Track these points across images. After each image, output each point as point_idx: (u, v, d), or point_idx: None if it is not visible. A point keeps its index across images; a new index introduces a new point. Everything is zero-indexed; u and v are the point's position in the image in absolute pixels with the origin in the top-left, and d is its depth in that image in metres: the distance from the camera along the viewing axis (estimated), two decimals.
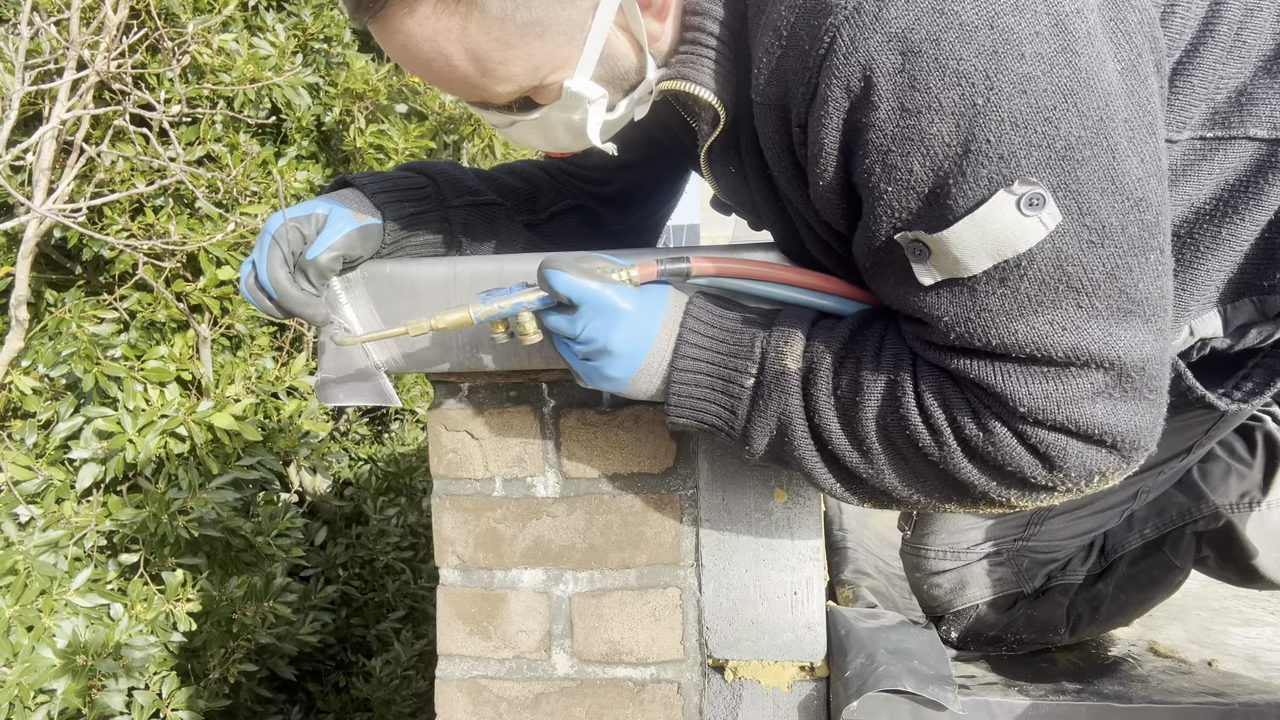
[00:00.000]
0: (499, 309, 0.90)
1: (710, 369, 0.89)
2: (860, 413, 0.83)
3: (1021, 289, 0.73)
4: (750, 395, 0.88)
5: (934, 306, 0.78)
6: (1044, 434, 0.76)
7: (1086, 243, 0.72)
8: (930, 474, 0.83)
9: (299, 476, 3.15)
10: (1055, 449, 0.77)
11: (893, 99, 0.71)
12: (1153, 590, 1.23)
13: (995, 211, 0.71)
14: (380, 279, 1.05)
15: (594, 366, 0.91)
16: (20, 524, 2.26)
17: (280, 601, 2.46)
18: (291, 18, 2.89)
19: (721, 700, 1.10)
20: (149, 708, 2.20)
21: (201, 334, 2.63)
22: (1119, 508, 1.20)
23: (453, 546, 1.14)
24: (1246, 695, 1.06)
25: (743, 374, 0.88)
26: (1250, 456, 1.27)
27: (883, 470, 0.85)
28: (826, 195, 0.82)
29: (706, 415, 0.91)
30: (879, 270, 0.82)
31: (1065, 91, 0.69)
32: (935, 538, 1.21)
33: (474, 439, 1.13)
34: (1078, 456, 0.77)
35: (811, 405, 0.86)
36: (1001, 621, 1.19)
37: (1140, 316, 0.75)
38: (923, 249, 0.75)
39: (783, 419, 0.87)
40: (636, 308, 0.88)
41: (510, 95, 0.85)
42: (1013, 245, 0.72)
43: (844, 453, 0.85)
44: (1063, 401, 0.75)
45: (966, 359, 0.78)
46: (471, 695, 1.15)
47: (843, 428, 0.85)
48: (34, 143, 2.28)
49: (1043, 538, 1.19)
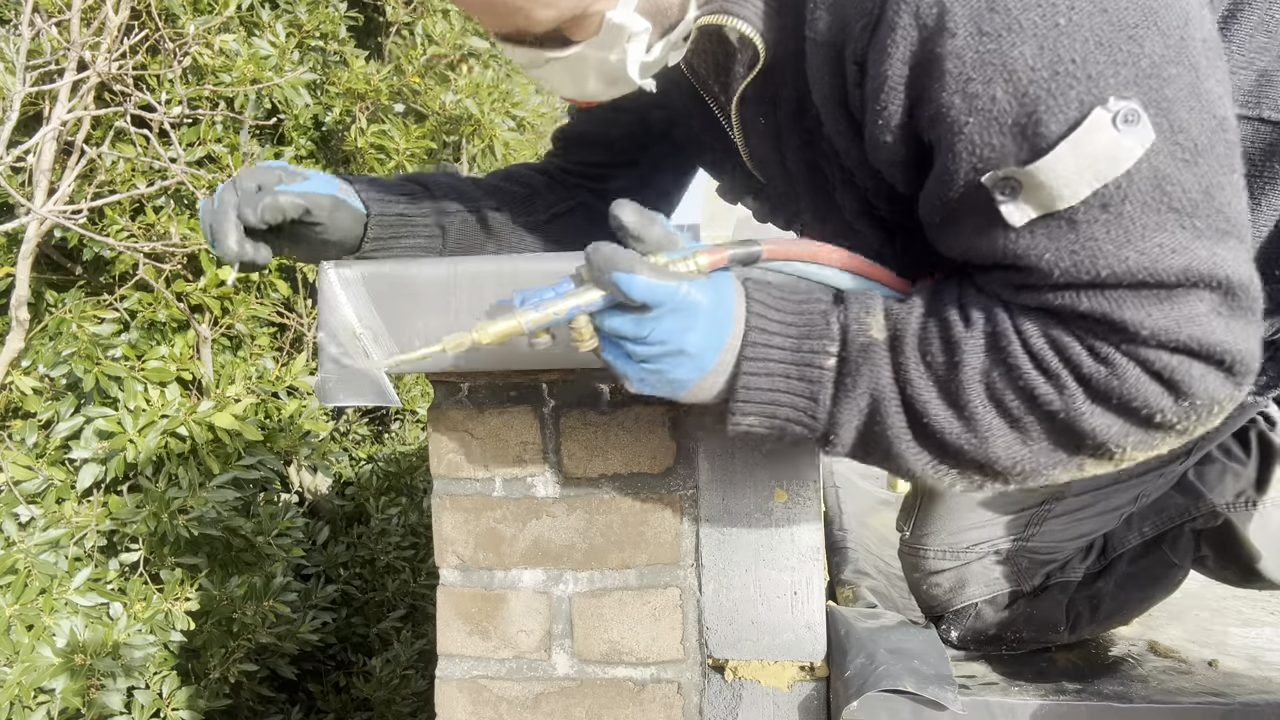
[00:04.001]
0: (554, 314, 0.80)
1: (784, 354, 0.80)
2: (960, 375, 0.76)
3: (1125, 213, 0.70)
4: (834, 377, 0.80)
5: (1030, 248, 0.73)
6: (1168, 358, 0.72)
7: (1181, 161, 0.70)
8: (1044, 431, 0.76)
9: (299, 476, 3.15)
10: (1181, 373, 0.72)
11: (970, 24, 0.69)
12: (1152, 588, 1.23)
13: (1093, 132, 0.68)
14: (380, 279, 1.05)
15: (657, 370, 0.82)
16: (21, 524, 2.26)
17: (281, 601, 2.46)
18: (286, 15, 2.89)
19: (721, 700, 1.10)
20: (149, 707, 2.21)
21: (202, 334, 2.63)
22: (1118, 510, 1.20)
23: (453, 546, 1.15)
24: (1246, 695, 1.06)
25: (822, 354, 0.80)
26: (1245, 456, 1.27)
27: (988, 437, 0.77)
28: (885, 141, 0.78)
29: (780, 410, 0.82)
30: (953, 222, 0.78)
31: (1145, 9, 0.68)
32: (934, 538, 1.21)
33: (474, 439, 1.13)
34: (1201, 380, 0.73)
35: (903, 376, 0.78)
36: (1001, 620, 1.19)
37: (1235, 236, 0.73)
38: (1013, 185, 0.72)
39: (875, 395, 0.79)
40: (712, 303, 0.80)
41: (551, 22, 0.80)
42: (1112, 167, 0.69)
43: (942, 425, 0.78)
44: (1183, 321, 0.71)
45: (1074, 294, 0.73)
46: (471, 695, 1.15)
47: (941, 396, 0.78)
48: (35, 144, 2.28)
49: (1042, 539, 1.19)
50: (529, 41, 0.84)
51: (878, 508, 1.82)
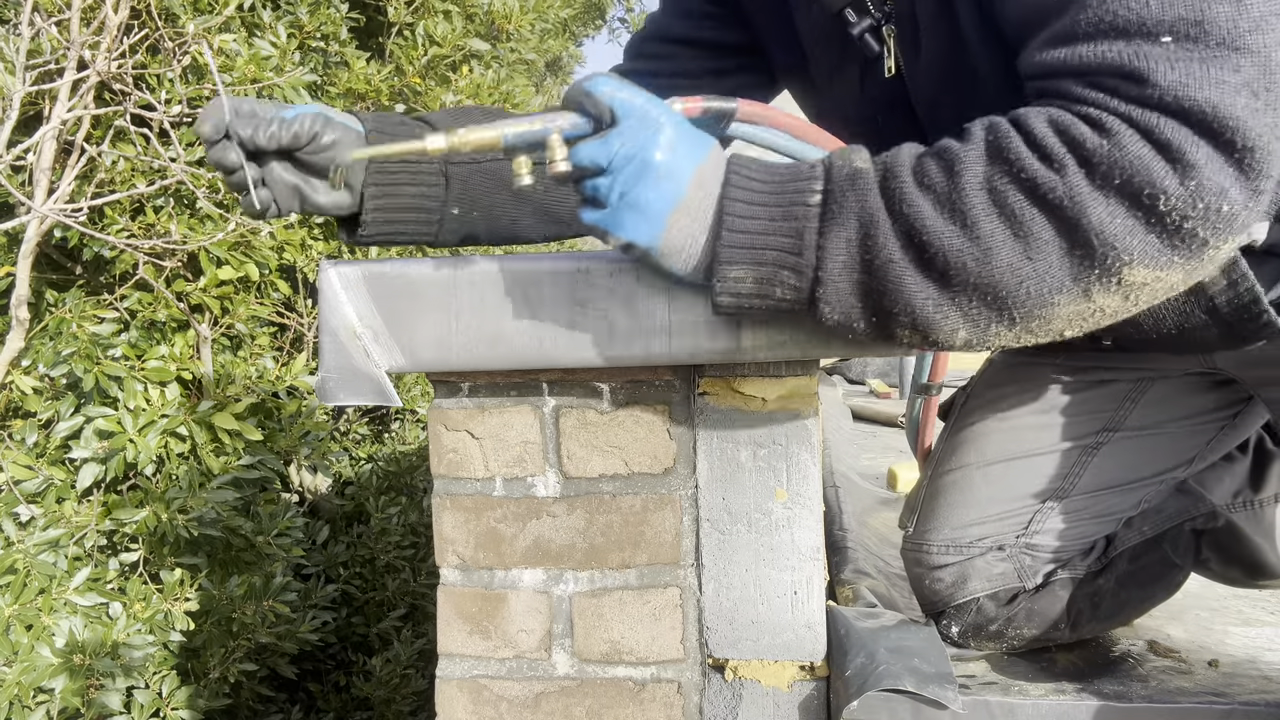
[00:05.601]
0: (529, 129, 0.81)
1: (767, 196, 0.78)
2: (959, 183, 0.74)
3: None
4: (819, 211, 0.77)
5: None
6: (1174, 125, 0.69)
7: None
8: (1048, 232, 0.72)
9: (299, 476, 3.15)
10: (1187, 144, 0.68)
11: None
12: (1153, 587, 1.23)
13: None
14: (380, 279, 1.05)
15: (627, 199, 0.80)
16: (20, 523, 2.26)
17: (280, 600, 2.47)
18: (288, 15, 2.90)
19: (721, 700, 1.10)
20: (149, 707, 2.21)
21: (202, 334, 2.63)
22: (1119, 514, 1.21)
23: (453, 546, 1.15)
24: (1246, 695, 1.06)
25: (806, 193, 0.78)
26: (1241, 455, 1.27)
27: (990, 248, 0.73)
28: None
29: (766, 254, 0.79)
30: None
31: None
32: (938, 533, 1.21)
33: (474, 438, 1.13)
34: (1208, 161, 0.69)
35: (896, 197, 0.76)
36: (1002, 615, 1.19)
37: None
38: None
39: (863, 218, 0.76)
40: (679, 127, 0.80)
41: None
42: None
43: (941, 238, 0.74)
44: (1205, 81, 0.68)
45: (1103, 42, 0.71)
46: (471, 695, 1.15)
47: (938, 208, 0.74)
48: (35, 143, 2.28)
49: (1044, 536, 1.19)
50: None
51: (878, 507, 1.82)
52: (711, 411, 1.07)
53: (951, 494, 1.21)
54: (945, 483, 1.23)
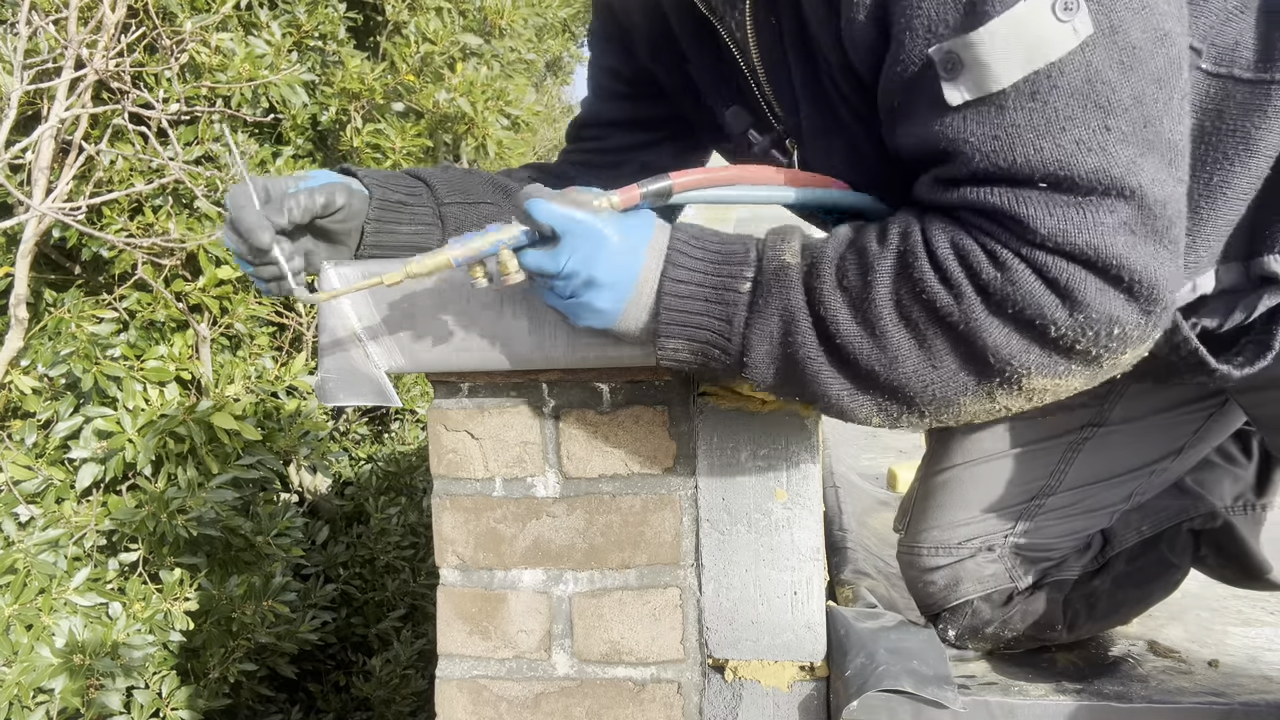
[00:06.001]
0: (478, 249, 0.87)
1: (703, 279, 0.85)
2: (871, 293, 0.79)
3: (1051, 102, 0.73)
4: (748, 299, 0.84)
5: (960, 130, 0.76)
6: (1062, 264, 0.73)
7: (1116, 62, 0.72)
8: (948, 347, 0.78)
9: (299, 476, 3.15)
10: (1074, 281, 0.73)
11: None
12: (1150, 588, 1.23)
13: (1031, 11, 0.71)
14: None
15: (581, 303, 0.87)
16: (20, 523, 2.26)
17: (280, 600, 2.46)
18: (285, 15, 2.89)
19: (721, 700, 1.10)
20: (149, 707, 2.21)
21: (201, 333, 2.63)
22: (1110, 508, 1.20)
23: (453, 546, 1.14)
24: (1246, 695, 1.06)
25: (738, 279, 0.84)
26: (1245, 460, 1.27)
27: (897, 357, 0.79)
28: (860, 23, 0.81)
29: (699, 334, 0.86)
30: (906, 108, 0.81)
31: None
32: (928, 535, 1.21)
33: (474, 439, 1.13)
34: (1097, 294, 0.73)
35: (815, 298, 0.81)
36: (998, 618, 1.19)
37: (1161, 155, 0.74)
38: (955, 61, 0.75)
39: (785, 316, 0.82)
40: (621, 233, 0.86)
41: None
42: (1044, 53, 0.72)
43: (854, 342, 0.80)
44: (1083, 226, 0.72)
45: (987, 188, 0.76)
46: (471, 695, 1.15)
47: (852, 314, 0.80)
48: (33, 142, 2.27)
49: (1034, 535, 1.19)
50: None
51: (878, 508, 1.82)
52: (711, 412, 1.07)
53: (940, 495, 1.22)
54: (934, 484, 1.23)
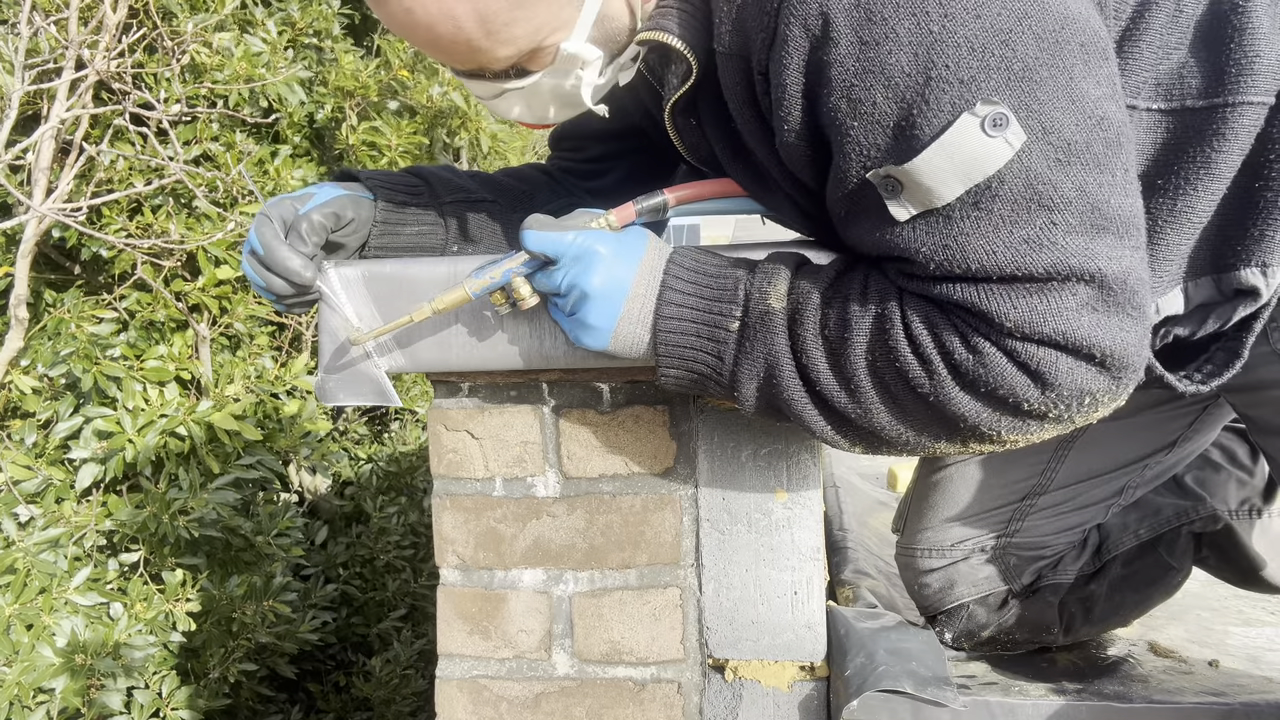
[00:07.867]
0: (491, 280, 0.92)
1: (694, 315, 0.88)
2: (848, 350, 0.82)
3: (995, 211, 0.74)
4: (736, 339, 0.87)
5: (911, 240, 0.78)
6: (1033, 349, 0.75)
7: (1054, 160, 0.73)
8: (920, 410, 0.81)
9: (299, 476, 3.15)
10: (1046, 364, 0.75)
11: (851, 34, 0.73)
12: (1148, 590, 1.23)
13: (961, 135, 0.72)
14: (380, 279, 1.05)
15: (577, 319, 0.91)
16: (20, 523, 2.26)
17: (280, 601, 2.46)
18: (280, 12, 2.89)
19: (721, 700, 1.10)
20: (149, 707, 2.21)
21: (201, 333, 2.63)
22: (1104, 503, 1.20)
23: (453, 546, 1.14)
24: (1246, 695, 1.06)
25: (728, 318, 0.87)
26: (1252, 464, 1.27)
27: (870, 409, 0.83)
28: (793, 144, 0.83)
29: (694, 365, 0.89)
30: (854, 216, 0.82)
31: (1019, 15, 0.72)
32: (922, 537, 1.21)
33: (474, 439, 1.13)
34: (1068, 372, 0.76)
35: (798, 345, 0.84)
36: (993, 621, 1.19)
37: (1114, 233, 0.75)
38: (894, 184, 0.76)
39: (769, 361, 0.85)
40: (612, 250, 0.89)
41: (509, 60, 0.85)
42: (982, 168, 0.73)
43: (832, 393, 0.83)
44: (1048, 314, 0.75)
45: (950, 285, 0.77)
46: (471, 695, 1.15)
47: (830, 367, 0.83)
48: (33, 142, 2.27)
49: (1027, 534, 1.19)
50: (488, 76, 0.89)
51: (878, 508, 1.82)
52: (712, 412, 1.07)
53: (933, 497, 1.22)
54: (928, 485, 1.23)
